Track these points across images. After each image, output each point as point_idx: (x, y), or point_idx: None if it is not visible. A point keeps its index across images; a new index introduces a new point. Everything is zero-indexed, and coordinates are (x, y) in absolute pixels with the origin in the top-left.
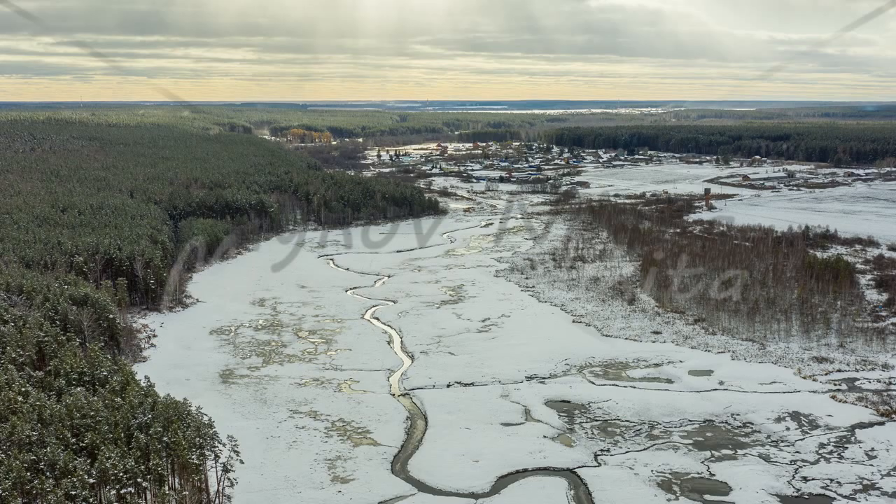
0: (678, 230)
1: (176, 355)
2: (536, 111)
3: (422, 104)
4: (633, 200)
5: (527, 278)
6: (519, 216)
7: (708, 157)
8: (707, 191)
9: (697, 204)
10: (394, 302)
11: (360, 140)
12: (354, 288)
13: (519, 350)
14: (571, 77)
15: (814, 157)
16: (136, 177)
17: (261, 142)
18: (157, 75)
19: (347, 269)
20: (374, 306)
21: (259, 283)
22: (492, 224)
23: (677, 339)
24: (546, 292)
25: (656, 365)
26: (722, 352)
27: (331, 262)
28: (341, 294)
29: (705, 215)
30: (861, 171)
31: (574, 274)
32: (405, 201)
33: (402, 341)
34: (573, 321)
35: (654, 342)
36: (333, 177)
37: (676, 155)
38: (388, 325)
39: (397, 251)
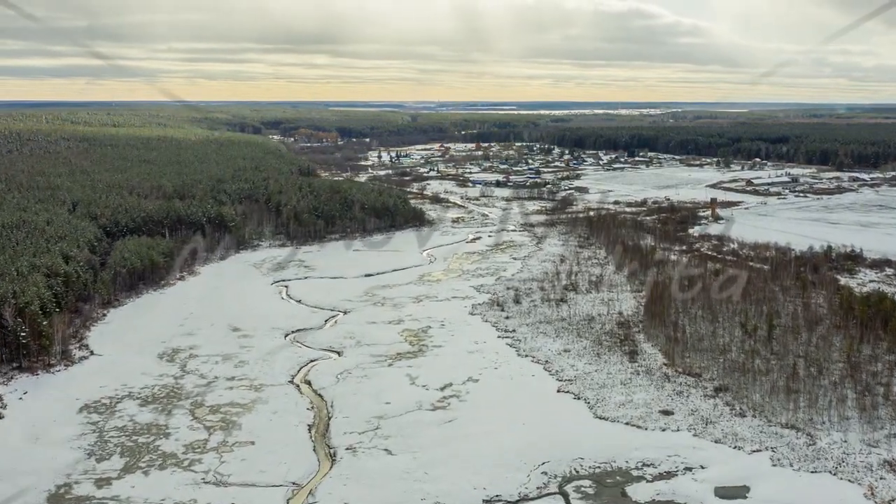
0: (684, 247)
1: (9, 454)
2: (543, 111)
3: (436, 105)
4: (633, 209)
5: (507, 317)
6: (511, 228)
7: (708, 160)
8: (713, 200)
9: (702, 213)
10: (339, 354)
11: (367, 140)
12: (298, 331)
13: (482, 445)
14: (595, 81)
15: (815, 161)
16: (95, 184)
17: (262, 143)
18: (222, 77)
19: (300, 302)
20: (311, 361)
21: (185, 323)
22: (479, 238)
23: (695, 423)
24: (528, 340)
25: (668, 475)
26: (758, 449)
27: (284, 289)
28: (278, 341)
29: (712, 227)
30: (866, 176)
31: (565, 310)
32: (387, 212)
33: (328, 424)
34: (558, 390)
35: (664, 429)
36: (311, 185)
37: (677, 157)
38: (321, 395)
39: (366, 275)
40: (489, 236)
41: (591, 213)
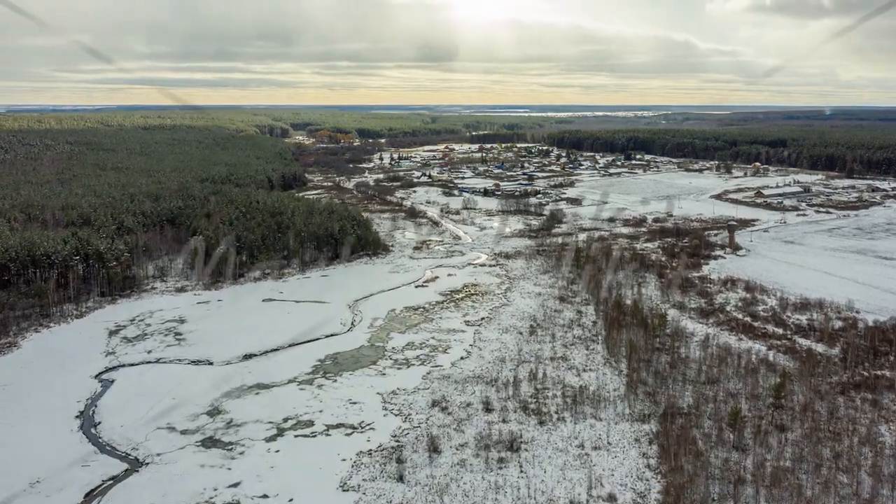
0: (703, 301)
1: None
2: (550, 113)
3: (459, 108)
4: (631, 229)
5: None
6: (480, 261)
7: (707, 164)
8: (731, 228)
9: (713, 237)
10: None
11: (383, 141)
12: None
13: None
14: (612, 88)
15: (820, 165)
16: (3, 203)
17: (271, 144)
18: (290, 86)
19: (95, 428)
20: None
21: None
22: (436, 278)
23: None
24: None
25: None
26: None
27: (99, 388)
28: None
29: (733, 265)
30: (886, 186)
31: (511, 481)
32: (331, 239)
33: None
34: None
35: None
36: (251, 203)
37: (674, 160)
38: None
39: (245, 356)
40: (449, 275)
41: (582, 238)
